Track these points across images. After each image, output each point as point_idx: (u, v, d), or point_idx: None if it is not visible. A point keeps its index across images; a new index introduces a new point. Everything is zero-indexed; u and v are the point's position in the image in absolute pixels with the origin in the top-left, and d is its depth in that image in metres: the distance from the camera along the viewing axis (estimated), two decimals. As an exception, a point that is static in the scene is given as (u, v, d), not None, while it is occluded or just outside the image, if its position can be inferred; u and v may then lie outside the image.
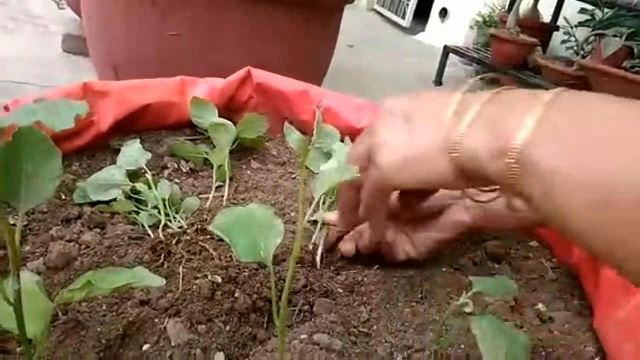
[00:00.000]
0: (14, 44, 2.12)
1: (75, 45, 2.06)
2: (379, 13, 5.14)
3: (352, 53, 3.31)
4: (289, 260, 0.44)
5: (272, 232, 0.33)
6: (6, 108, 0.62)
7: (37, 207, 0.56)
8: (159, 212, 0.54)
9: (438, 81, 3.12)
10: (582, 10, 2.62)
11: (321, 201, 0.57)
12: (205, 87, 0.77)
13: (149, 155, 0.64)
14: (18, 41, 2.16)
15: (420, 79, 3.17)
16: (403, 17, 4.63)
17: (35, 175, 0.30)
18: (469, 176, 0.35)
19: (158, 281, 0.31)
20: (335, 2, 1.25)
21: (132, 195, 0.58)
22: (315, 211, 0.54)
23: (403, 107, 0.40)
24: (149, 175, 0.59)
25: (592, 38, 2.52)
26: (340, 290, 0.50)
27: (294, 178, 0.74)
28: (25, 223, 0.53)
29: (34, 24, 2.40)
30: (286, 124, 0.35)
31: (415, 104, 0.39)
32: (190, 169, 0.70)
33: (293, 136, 0.33)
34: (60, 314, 0.42)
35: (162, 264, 0.47)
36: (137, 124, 0.72)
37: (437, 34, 4.26)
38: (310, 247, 0.56)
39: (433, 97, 0.40)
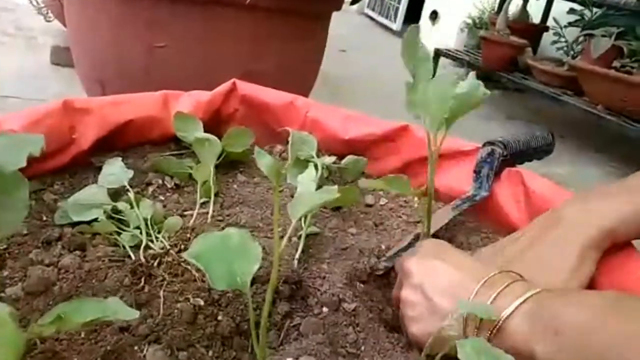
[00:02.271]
0: (2, 56, 2.10)
1: (63, 58, 2.05)
2: (369, 17, 5.15)
3: (344, 58, 3.31)
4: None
5: (249, 257, 0.32)
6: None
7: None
8: (141, 233, 0.53)
9: (430, 84, 3.11)
10: (571, 11, 2.63)
11: (302, 222, 0.56)
12: (190, 101, 0.76)
13: (131, 173, 0.63)
14: (6, 53, 2.15)
15: (412, 82, 3.16)
16: (394, 21, 4.64)
17: (2, 206, 0.29)
18: None
19: (131, 314, 0.30)
20: (324, 8, 1.24)
21: (113, 215, 0.57)
22: (295, 233, 0.53)
23: (419, 280, 0.46)
24: (131, 194, 0.58)
25: (581, 38, 2.53)
26: (326, 310, 0.49)
27: (281, 191, 0.73)
28: (4, 246, 0.52)
29: (22, 36, 2.38)
30: (257, 148, 0.34)
31: (430, 283, 0.45)
32: (175, 184, 0.69)
33: (264, 160, 0.32)
34: (38, 342, 0.41)
35: (143, 287, 0.46)
36: (120, 140, 0.71)
37: (428, 37, 4.26)
38: (295, 263, 0.55)
39: (445, 278, 0.45)
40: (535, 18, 3.14)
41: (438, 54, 3.05)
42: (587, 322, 0.36)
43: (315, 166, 0.72)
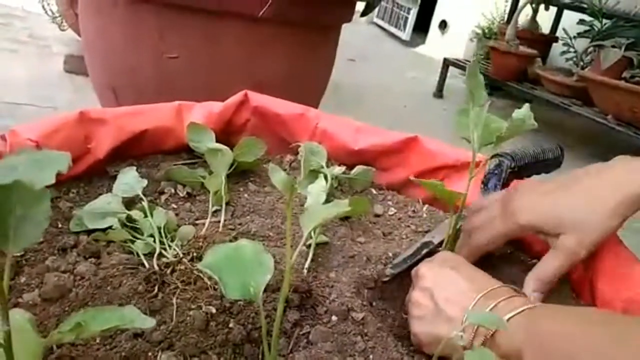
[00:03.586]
0: (17, 65, 2.14)
1: (77, 66, 2.08)
2: (379, 26, 5.17)
3: (353, 67, 3.32)
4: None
5: (261, 269, 0.33)
6: (2, 137, 0.63)
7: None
8: (154, 241, 0.54)
9: (438, 94, 3.13)
10: (581, 22, 2.63)
11: (313, 233, 0.57)
12: (203, 112, 0.77)
13: (145, 182, 0.64)
14: (20, 62, 2.18)
15: (421, 91, 3.18)
16: (403, 30, 4.65)
17: (24, 218, 0.30)
18: None
19: (148, 322, 0.31)
20: (333, 20, 1.26)
21: (127, 223, 0.58)
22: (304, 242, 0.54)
23: (431, 286, 0.50)
24: (144, 203, 0.59)
25: (591, 49, 2.53)
26: (335, 319, 0.50)
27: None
28: (21, 253, 0.54)
29: (36, 45, 2.42)
30: (271, 165, 0.35)
31: (440, 291, 0.49)
32: (188, 193, 0.70)
33: (277, 176, 0.33)
34: (54, 347, 0.43)
35: (156, 294, 0.47)
36: (134, 149, 0.72)
37: (437, 46, 4.28)
38: (305, 272, 0.56)
39: (455, 288, 0.48)
40: (545, 28, 3.15)
41: (447, 63, 3.06)
42: (569, 333, 0.39)
43: (325, 176, 0.73)
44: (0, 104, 1.69)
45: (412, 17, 4.53)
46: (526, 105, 0.50)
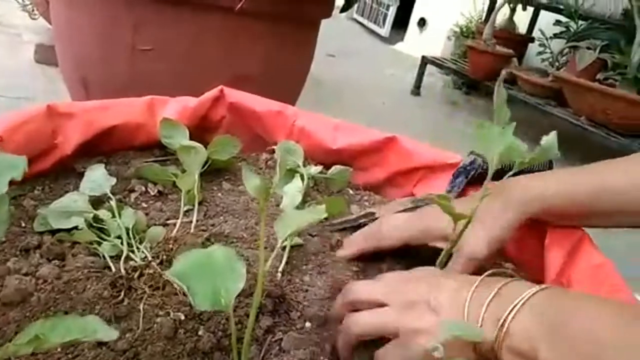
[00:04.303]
0: (-15, 54, 2.07)
1: (48, 56, 2.02)
2: (358, 22, 5.17)
3: (332, 63, 3.31)
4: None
5: (233, 276, 0.32)
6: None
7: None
8: (122, 243, 0.52)
9: (416, 91, 3.14)
10: (557, 23, 2.66)
11: (288, 241, 0.56)
12: (176, 107, 0.75)
13: (114, 180, 0.62)
14: (-12, 50, 2.12)
15: (399, 89, 3.19)
16: (382, 27, 4.66)
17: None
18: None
19: (111, 334, 0.29)
20: (312, 16, 1.24)
21: (94, 223, 0.56)
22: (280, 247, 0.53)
23: (425, 296, 0.45)
24: (113, 202, 0.57)
25: (566, 50, 2.56)
26: (309, 325, 0.49)
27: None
28: (-19, 254, 0.51)
29: (6, 33, 2.35)
30: (244, 168, 0.34)
31: (439, 296, 0.44)
32: (159, 191, 0.68)
33: (251, 181, 0.31)
34: (12, 358, 0.40)
35: (122, 300, 0.45)
36: (103, 145, 0.70)
37: (416, 43, 4.29)
38: (278, 275, 0.54)
39: (451, 288, 0.44)
40: (522, 28, 3.18)
41: (425, 61, 3.07)
42: (600, 331, 0.34)
43: (302, 176, 0.71)
44: (-34, 94, 1.64)
45: (391, 14, 4.54)
46: (553, 133, 0.49)
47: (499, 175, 0.70)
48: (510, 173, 0.52)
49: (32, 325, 0.31)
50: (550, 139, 0.46)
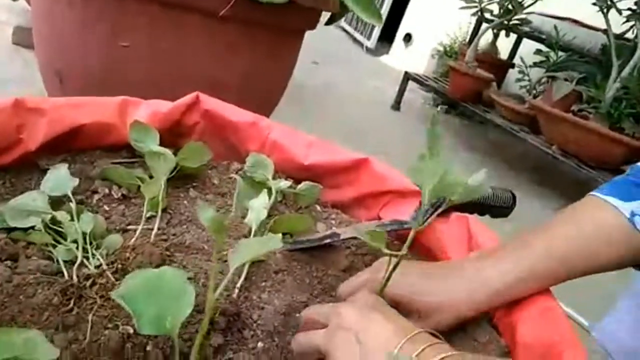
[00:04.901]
0: (-41, 31, 2.02)
1: (26, 39, 1.97)
2: (345, 30, 5.19)
3: (316, 70, 3.32)
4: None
5: (182, 301, 0.32)
6: None
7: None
8: (77, 248, 0.51)
9: (396, 106, 3.16)
10: (538, 51, 2.72)
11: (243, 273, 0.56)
12: (149, 110, 0.74)
13: (76, 181, 0.61)
14: (-36, 28, 2.06)
15: (381, 102, 3.21)
16: (368, 38, 4.69)
17: None
18: None
19: (50, 354, 0.29)
20: (297, 26, 1.24)
21: (51, 225, 0.55)
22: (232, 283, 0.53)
23: (357, 328, 0.46)
24: (72, 205, 0.56)
25: (544, 79, 2.62)
26: (261, 345, 0.48)
27: (230, 212, 0.72)
28: None
29: (-16, 10, 2.29)
30: (201, 203, 0.33)
31: (367, 333, 0.46)
32: (123, 195, 0.67)
33: (207, 214, 0.31)
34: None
35: (72, 309, 0.44)
36: (70, 143, 0.68)
37: (400, 58, 4.33)
38: (236, 292, 0.54)
39: (383, 331, 0.46)
40: (504, 54, 3.24)
41: (407, 77, 3.10)
42: None
43: (270, 190, 0.71)
44: (-64, 71, 1.59)
45: (378, 27, 4.57)
46: (483, 171, 0.50)
47: (458, 208, 0.71)
48: (441, 209, 0.53)
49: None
50: (479, 177, 0.46)
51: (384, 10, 4.47)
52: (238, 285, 0.55)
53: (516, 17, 2.66)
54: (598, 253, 0.57)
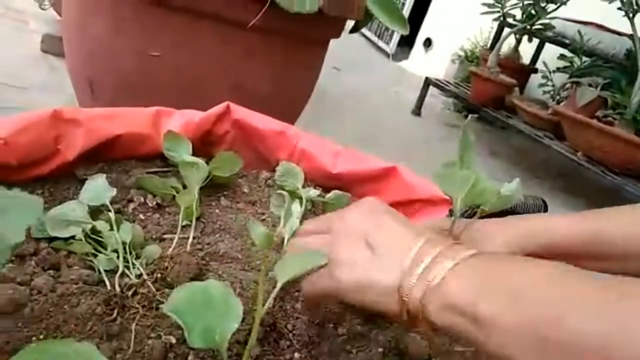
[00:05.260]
0: (-9, 39, 2.07)
1: (54, 46, 2.02)
2: (365, 37, 5.19)
3: (337, 76, 3.33)
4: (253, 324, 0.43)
5: (229, 315, 0.32)
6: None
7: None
8: (118, 257, 0.52)
9: (417, 112, 3.16)
10: (561, 57, 2.69)
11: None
12: (181, 120, 0.75)
13: (114, 191, 0.62)
14: (-5, 36, 2.11)
15: (401, 107, 3.20)
16: (388, 44, 4.69)
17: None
18: (415, 319, 0.39)
19: (104, 366, 0.30)
20: (322, 36, 1.25)
21: (91, 234, 0.56)
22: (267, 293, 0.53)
23: (366, 231, 0.44)
24: (111, 215, 0.57)
25: (568, 85, 2.59)
26: (297, 355, 0.49)
27: (263, 220, 0.73)
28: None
29: (13, 19, 2.34)
30: (250, 219, 0.34)
31: (379, 235, 0.43)
32: (157, 204, 0.68)
33: (257, 230, 0.32)
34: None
35: (115, 318, 0.45)
36: (106, 153, 0.70)
37: (420, 63, 4.32)
38: (271, 302, 0.55)
39: (396, 232, 0.43)
40: (526, 59, 3.21)
41: (428, 82, 3.10)
42: (539, 284, 0.34)
43: (300, 199, 0.72)
44: (-32, 79, 1.63)
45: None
46: (516, 180, 0.50)
47: (490, 217, 0.71)
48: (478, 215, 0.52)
49: (29, 349, 0.31)
50: (511, 186, 0.46)
51: (404, 15, 4.47)
52: (273, 295, 0.56)
53: (539, 22, 2.64)
54: None
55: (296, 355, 0.49)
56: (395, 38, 4.60)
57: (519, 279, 0.35)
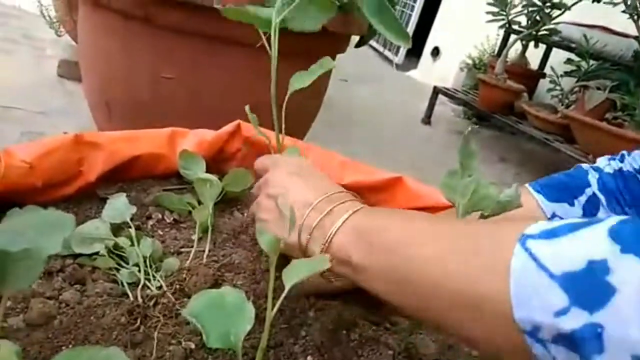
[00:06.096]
0: (9, 66, 2.14)
1: (70, 71, 2.09)
2: (372, 48, 5.24)
3: (345, 88, 3.37)
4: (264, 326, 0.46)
5: (242, 318, 0.35)
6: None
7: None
8: (139, 271, 0.56)
9: (426, 120, 3.18)
10: (568, 61, 2.70)
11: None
12: (195, 140, 0.79)
13: (134, 209, 0.66)
14: (13, 63, 2.18)
15: (410, 116, 3.23)
16: (396, 54, 4.73)
17: (21, 261, 0.32)
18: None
19: (131, 367, 0.33)
20: (329, 51, 1.29)
21: (114, 250, 0.59)
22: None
23: (278, 194, 0.53)
24: (132, 231, 0.61)
25: (576, 89, 2.60)
26: (310, 359, 0.52)
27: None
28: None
29: (30, 46, 2.42)
30: (258, 225, 0.38)
31: (286, 197, 0.52)
32: (174, 219, 0.72)
33: (264, 237, 0.35)
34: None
35: (138, 327, 0.49)
36: (125, 173, 0.74)
37: (428, 72, 4.35)
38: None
39: (300, 193, 0.52)
40: (534, 64, 3.22)
41: (436, 91, 3.12)
42: (390, 226, 0.43)
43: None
44: (-11, 106, 1.69)
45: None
46: (514, 186, 0.52)
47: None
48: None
49: (62, 356, 0.35)
50: (510, 192, 0.49)
51: (411, 25, 4.51)
52: (282, 298, 0.59)
53: (545, 27, 2.66)
54: None
55: (309, 358, 0.52)
56: (403, 48, 4.64)
57: (383, 232, 0.43)
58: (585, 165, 0.67)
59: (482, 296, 0.32)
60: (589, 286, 0.28)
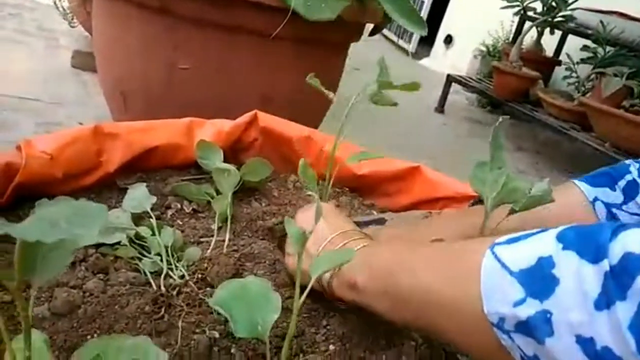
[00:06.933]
0: (23, 57, 2.15)
1: (84, 62, 2.09)
2: (385, 36, 5.20)
3: (358, 76, 3.34)
4: (290, 316, 0.46)
5: (269, 307, 0.35)
6: (18, 148, 0.65)
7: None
8: (161, 260, 0.56)
9: (440, 109, 3.15)
10: (585, 48, 2.66)
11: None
12: (213, 130, 0.79)
13: (154, 199, 0.66)
14: (27, 54, 2.19)
15: (424, 105, 3.21)
16: (409, 42, 4.68)
17: (51, 252, 0.32)
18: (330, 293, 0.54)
19: (161, 356, 0.33)
20: (343, 40, 1.28)
21: (135, 239, 0.60)
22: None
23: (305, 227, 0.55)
24: (153, 221, 0.61)
25: (593, 76, 2.56)
26: (332, 348, 0.52)
27: (288, 211, 0.76)
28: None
29: (44, 37, 2.43)
30: (287, 218, 0.38)
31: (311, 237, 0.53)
32: (193, 209, 0.72)
33: (293, 229, 0.35)
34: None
35: (163, 316, 0.49)
36: (144, 164, 0.74)
37: (442, 60, 4.31)
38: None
39: (320, 232, 0.55)
40: (549, 51, 3.18)
41: (450, 79, 3.09)
42: (390, 256, 0.47)
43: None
44: (4, 97, 1.70)
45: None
46: (546, 180, 0.52)
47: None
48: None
49: (91, 343, 0.35)
50: (542, 186, 0.48)
51: (424, 13, 4.46)
52: (309, 288, 0.59)
53: (560, 13, 2.61)
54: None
55: (331, 347, 0.52)
56: (416, 36, 4.60)
57: (381, 259, 0.48)
58: (629, 161, 0.68)
59: (459, 299, 0.37)
60: (539, 278, 0.33)
